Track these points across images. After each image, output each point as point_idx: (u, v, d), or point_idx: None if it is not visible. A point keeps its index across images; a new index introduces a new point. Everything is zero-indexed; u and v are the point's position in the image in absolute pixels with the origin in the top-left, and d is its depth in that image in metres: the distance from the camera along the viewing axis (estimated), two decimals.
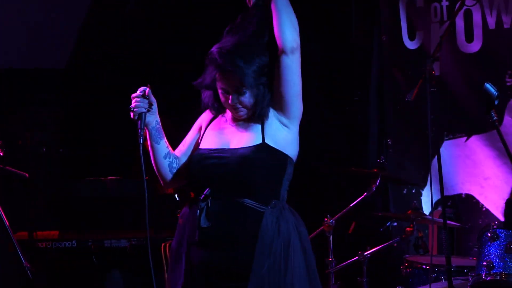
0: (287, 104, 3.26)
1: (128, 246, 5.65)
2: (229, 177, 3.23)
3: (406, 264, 5.08)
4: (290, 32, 3.20)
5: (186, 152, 3.43)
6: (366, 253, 5.13)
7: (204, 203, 3.23)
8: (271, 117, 3.29)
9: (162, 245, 5.46)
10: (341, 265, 5.23)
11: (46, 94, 6.83)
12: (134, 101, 3.24)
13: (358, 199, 5.24)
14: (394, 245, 5.28)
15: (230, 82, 3.24)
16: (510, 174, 5.64)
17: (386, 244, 5.22)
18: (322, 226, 5.20)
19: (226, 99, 3.28)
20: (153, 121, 3.30)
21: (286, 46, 3.19)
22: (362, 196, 5.25)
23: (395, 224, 5.59)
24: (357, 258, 5.16)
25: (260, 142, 3.25)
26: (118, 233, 5.70)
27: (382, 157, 5.61)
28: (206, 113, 3.47)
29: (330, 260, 5.20)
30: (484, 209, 5.83)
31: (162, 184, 3.45)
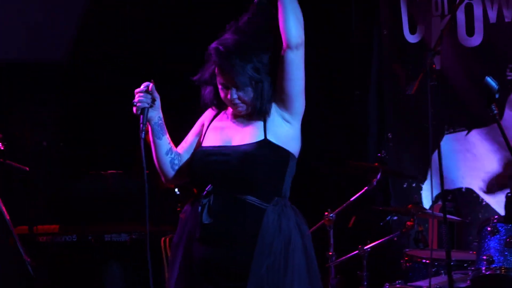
0: (290, 100, 3.24)
1: (128, 240, 5.65)
2: (231, 174, 3.21)
3: (406, 258, 5.08)
4: (295, 27, 3.17)
5: (189, 149, 3.41)
6: (366, 247, 5.13)
7: (206, 200, 3.22)
8: (274, 113, 3.27)
9: (162, 239, 5.46)
10: (341, 259, 5.24)
11: (46, 93, 6.82)
12: (137, 96, 3.23)
13: (358, 193, 5.25)
14: (394, 239, 5.27)
15: (227, 77, 3.23)
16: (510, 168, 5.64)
17: (386, 238, 5.22)
18: (323, 220, 5.20)
19: (225, 95, 3.27)
20: (155, 116, 3.29)
21: (291, 42, 3.16)
22: (363, 190, 5.25)
23: (395, 218, 5.59)
24: (357, 252, 5.16)
25: (262, 138, 3.23)
26: (118, 227, 5.69)
27: (383, 151, 5.60)
28: (209, 110, 3.45)
29: (330, 254, 5.21)
30: (484, 203, 5.83)
31: (163, 180, 3.43)
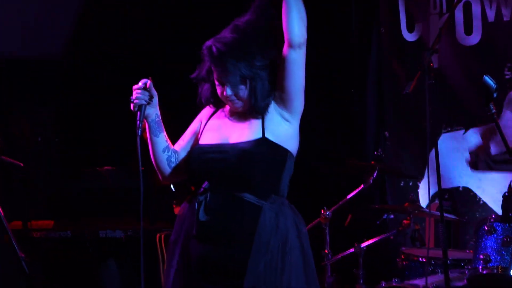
0: (290, 98, 3.24)
1: (123, 237, 5.63)
2: (228, 171, 3.20)
3: (403, 256, 5.07)
4: (299, 26, 3.16)
5: (186, 147, 3.40)
6: (362, 245, 5.12)
7: (202, 197, 3.22)
8: (272, 111, 3.27)
9: (158, 235, 5.44)
10: (337, 257, 5.23)
11: (45, 93, 6.81)
12: (134, 92, 3.23)
13: (355, 192, 5.24)
14: (391, 237, 5.27)
15: (220, 75, 3.23)
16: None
17: (383, 236, 5.21)
18: (319, 218, 5.19)
19: (222, 91, 3.26)
20: (153, 114, 3.29)
21: (294, 41, 3.16)
22: (359, 188, 5.24)
23: (392, 216, 5.57)
24: (353, 250, 5.14)
25: (260, 136, 3.23)
26: (113, 223, 5.67)
27: (380, 149, 5.59)
28: (206, 108, 3.45)
29: (326, 252, 5.20)
30: (481, 202, 5.82)
31: (160, 178, 3.43)
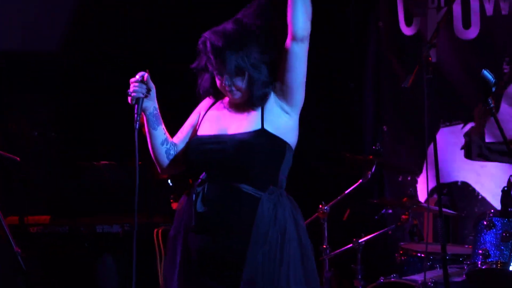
0: (291, 91, 3.25)
1: (120, 232, 5.61)
2: (226, 162, 3.20)
3: (401, 251, 5.05)
4: (303, 20, 3.18)
5: (184, 139, 3.41)
6: (360, 240, 5.11)
7: (200, 188, 3.22)
8: (273, 103, 3.27)
9: (155, 230, 5.42)
10: (335, 252, 5.21)
11: (45, 93, 6.80)
12: (132, 85, 3.23)
13: (353, 186, 5.22)
14: (389, 232, 5.25)
15: (217, 65, 3.23)
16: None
17: (381, 231, 5.19)
18: (317, 213, 5.17)
19: (221, 81, 3.26)
20: (150, 106, 3.29)
21: (298, 34, 3.18)
22: (357, 183, 5.22)
23: (390, 211, 5.55)
24: (351, 245, 5.13)
25: (259, 127, 3.23)
26: (110, 218, 5.65)
27: (378, 144, 5.57)
28: (205, 100, 3.45)
29: (325, 247, 5.18)
30: (480, 197, 5.80)
31: (159, 170, 3.43)
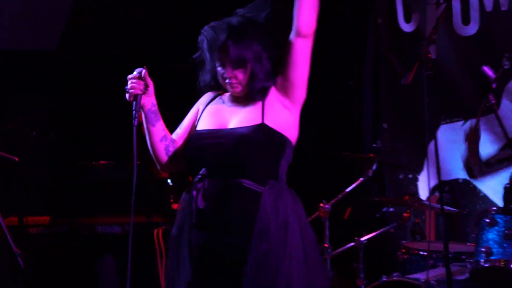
0: (293, 87, 3.26)
1: (120, 232, 5.58)
2: (226, 156, 3.19)
3: (403, 250, 5.02)
4: (310, 17, 3.21)
5: (183, 135, 3.40)
6: (362, 239, 5.08)
7: (200, 184, 3.20)
8: (274, 98, 3.27)
9: (155, 230, 5.40)
10: (337, 251, 5.18)
11: (45, 93, 6.79)
12: (130, 82, 3.23)
13: (354, 184, 5.19)
14: (391, 230, 5.22)
15: (222, 54, 3.22)
16: None
17: (383, 230, 5.16)
18: (318, 212, 5.15)
19: (222, 73, 3.25)
20: (149, 103, 3.28)
21: (302, 30, 3.20)
22: (358, 181, 5.20)
23: (392, 209, 5.53)
24: (353, 244, 5.10)
25: (259, 122, 3.22)
26: (110, 218, 5.63)
27: (378, 141, 5.55)
28: (204, 96, 3.44)
29: (326, 246, 5.15)
30: (481, 194, 5.78)
31: (158, 167, 3.41)
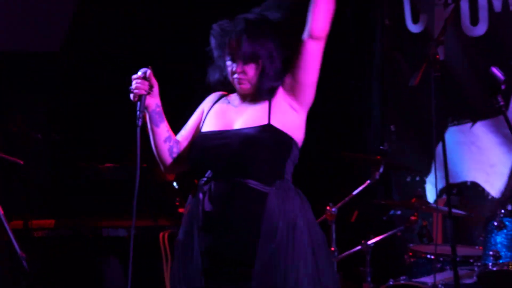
0: (301, 89, 3.25)
1: (126, 236, 5.57)
2: (231, 157, 3.17)
3: (410, 253, 5.00)
4: (323, 20, 3.20)
5: (188, 136, 3.38)
6: (369, 242, 5.05)
7: (206, 187, 3.19)
8: (281, 99, 3.27)
9: (161, 234, 5.39)
10: (344, 254, 5.16)
11: (45, 93, 6.80)
12: (134, 82, 3.22)
13: (361, 187, 5.17)
14: (398, 234, 5.20)
15: (235, 48, 3.21)
16: None
17: (390, 233, 5.14)
18: (325, 215, 5.13)
19: (232, 68, 3.24)
20: (153, 103, 3.27)
21: (315, 32, 3.20)
22: (365, 184, 5.17)
23: (399, 212, 5.51)
24: (360, 247, 5.07)
25: (266, 123, 3.21)
26: (115, 221, 5.62)
27: (385, 143, 5.51)
28: (210, 96, 3.44)
29: (333, 249, 5.12)
30: (490, 197, 5.75)
31: (162, 169, 3.40)
